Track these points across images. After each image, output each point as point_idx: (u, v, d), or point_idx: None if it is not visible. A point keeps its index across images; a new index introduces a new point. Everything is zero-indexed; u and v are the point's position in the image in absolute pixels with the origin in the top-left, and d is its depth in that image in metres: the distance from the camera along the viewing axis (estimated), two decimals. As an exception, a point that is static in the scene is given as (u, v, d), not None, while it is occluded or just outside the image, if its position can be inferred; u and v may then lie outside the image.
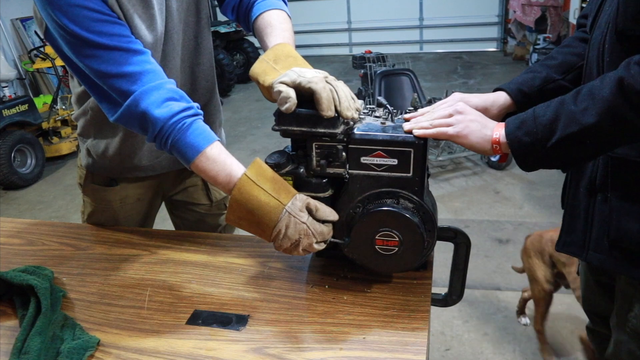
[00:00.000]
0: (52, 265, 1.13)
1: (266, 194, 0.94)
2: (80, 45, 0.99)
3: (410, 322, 0.92)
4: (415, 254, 0.95)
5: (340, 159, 0.94)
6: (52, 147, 4.84)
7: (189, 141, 1.01)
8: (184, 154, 1.02)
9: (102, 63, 1.00)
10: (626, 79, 0.80)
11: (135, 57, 1.01)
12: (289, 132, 0.95)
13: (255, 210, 0.95)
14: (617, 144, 0.90)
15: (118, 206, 1.39)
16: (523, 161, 0.91)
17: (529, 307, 2.24)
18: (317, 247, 0.96)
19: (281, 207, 0.94)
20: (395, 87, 4.05)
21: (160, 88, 1.02)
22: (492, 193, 3.60)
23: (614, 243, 1.01)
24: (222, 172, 1.00)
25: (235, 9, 1.29)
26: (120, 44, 1.00)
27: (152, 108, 1.00)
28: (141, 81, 1.01)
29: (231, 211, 0.97)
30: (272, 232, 0.95)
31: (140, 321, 0.98)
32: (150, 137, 1.04)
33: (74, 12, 0.96)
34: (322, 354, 0.86)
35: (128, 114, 1.03)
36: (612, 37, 0.94)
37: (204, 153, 1.01)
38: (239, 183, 0.96)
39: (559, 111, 0.87)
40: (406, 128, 0.93)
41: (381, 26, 8.61)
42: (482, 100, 1.07)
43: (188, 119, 1.02)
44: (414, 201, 0.94)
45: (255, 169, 0.97)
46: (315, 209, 0.96)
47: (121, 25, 1.02)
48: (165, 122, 1.00)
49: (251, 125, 5.61)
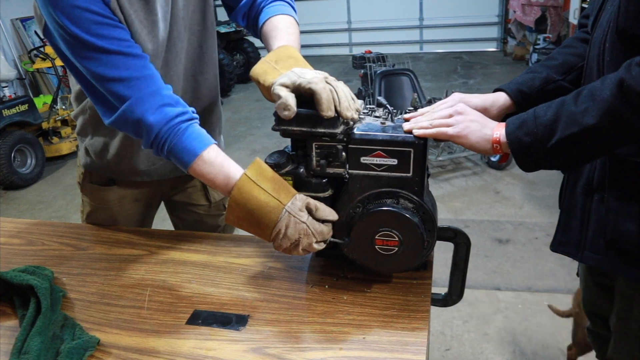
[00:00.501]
0: (52, 265, 1.13)
1: (266, 194, 0.94)
2: (80, 47, 0.99)
3: (410, 322, 0.92)
4: (415, 254, 0.95)
5: (340, 159, 0.94)
6: (52, 147, 4.84)
7: (185, 145, 1.01)
8: (181, 159, 1.02)
9: (100, 66, 1.00)
10: (627, 80, 0.80)
11: (134, 62, 1.02)
12: (288, 132, 0.95)
13: (255, 210, 0.95)
14: (618, 145, 0.90)
15: (116, 206, 1.39)
16: (523, 161, 0.91)
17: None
18: (316, 246, 0.96)
19: (281, 207, 0.94)
20: (395, 87, 4.05)
21: (157, 94, 1.02)
22: (492, 193, 3.60)
23: (611, 243, 1.01)
24: (220, 174, 1.00)
25: (245, 16, 1.29)
26: (119, 48, 1.00)
27: (148, 114, 1.00)
28: (138, 87, 1.01)
29: (230, 212, 0.97)
30: (272, 232, 0.95)
31: (140, 321, 0.98)
32: (147, 144, 1.04)
33: (75, 14, 0.96)
34: (321, 354, 0.86)
35: (123, 119, 1.03)
36: (612, 37, 0.94)
37: (201, 156, 1.01)
38: (239, 183, 0.96)
39: (559, 112, 0.87)
40: (406, 128, 0.93)
41: (381, 26, 8.61)
42: (482, 101, 1.07)
43: (184, 123, 1.02)
44: (413, 201, 0.94)
45: (255, 168, 0.97)
46: (315, 209, 0.96)
47: (122, 29, 1.02)
48: (161, 128, 1.01)
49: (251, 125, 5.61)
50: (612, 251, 1.02)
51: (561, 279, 2.60)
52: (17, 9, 5.80)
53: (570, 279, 2.58)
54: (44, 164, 4.65)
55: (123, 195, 1.39)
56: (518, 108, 1.09)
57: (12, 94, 4.92)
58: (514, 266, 2.73)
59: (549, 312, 2.15)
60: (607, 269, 1.06)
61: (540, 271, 2.67)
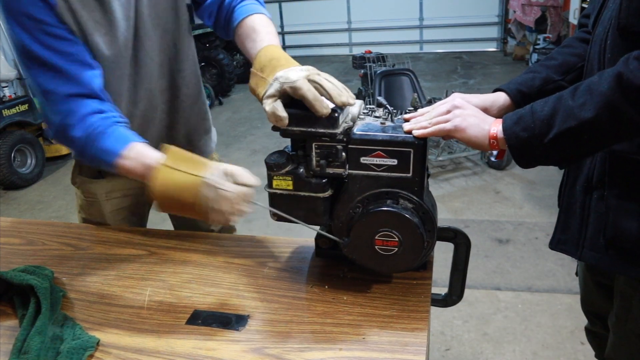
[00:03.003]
0: (52, 265, 1.13)
1: (183, 174, 0.96)
2: (24, 55, 1.05)
3: (410, 322, 0.92)
4: (415, 254, 0.95)
5: (340, 159, 0.94)
6: (52, 147, 4.84)
7: (105, 147, 1.06)
8: (103, 159, 1.07)
9: (39, 76, 1.06)
10: (625, 74, 0.80)
11: (75, 76, 1.06)
12: (288, 132, 0.95)
13: (177, 194, 0.97)
14: (616, 140, 0.89)
15: (104, 200, 1.39)
16: (520, 157, 0.91)
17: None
18: (245, 208, 0.98)
19: (199, 180, 0.95)
20: (395, 87, 4.05)
21: (84, 109, 1.07)
22: (492, 193, 3.60)
23: (611, 242, 1.01)
24: (139, 166, 1.03)
25: (212, 15, 1.28)
26: (60, 61, 1.05)
27: (74, 131, 1.07)
28: (69, 103, 1.06)
29: (156, 204, 1.00)
30: (201, 209, 0.96)
31: (140, 321, 0.98)
32: (77, 155, 1.11)
33: (23, 21, 1.01)
34: (321, 354, 0.86)
35: (57, 136, 1.11)
36: (614, 34, 0.94)
37: (121, 155, 1.04)
38: (154, 172, 0.98)
39: (556, 106, 0.87)
40: (406, 128, 0.93)
41: (381, 26, 8.61)
42: (482, 100, 1.07)
43: (102, 127, 1.07)
44: (413, 201, 0.94)
45: (170, 155, 0.99)
46: (234, 174, 0.97)
47: (68, 40, 1.05)
48: (86, 137, 1.06)
49: (251, 125, 5.61)
50: (612, 249, 1.01)
51: (561, 279, 2.60)
52: (17, 8, 5.79)
53: (570, 279, 2.58)
54: (44, 164, 4.65)
55: (111, 189, 1.39)
56: (518, 108, 1.09)
57: (12, 94, 4.92)
58: (514, 266, 2.73)
59: (549, 312, 2.15)
60: (607, 268, 1.05)
61: (540, 271, 2.68)
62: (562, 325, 2.27)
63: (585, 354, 2.10)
